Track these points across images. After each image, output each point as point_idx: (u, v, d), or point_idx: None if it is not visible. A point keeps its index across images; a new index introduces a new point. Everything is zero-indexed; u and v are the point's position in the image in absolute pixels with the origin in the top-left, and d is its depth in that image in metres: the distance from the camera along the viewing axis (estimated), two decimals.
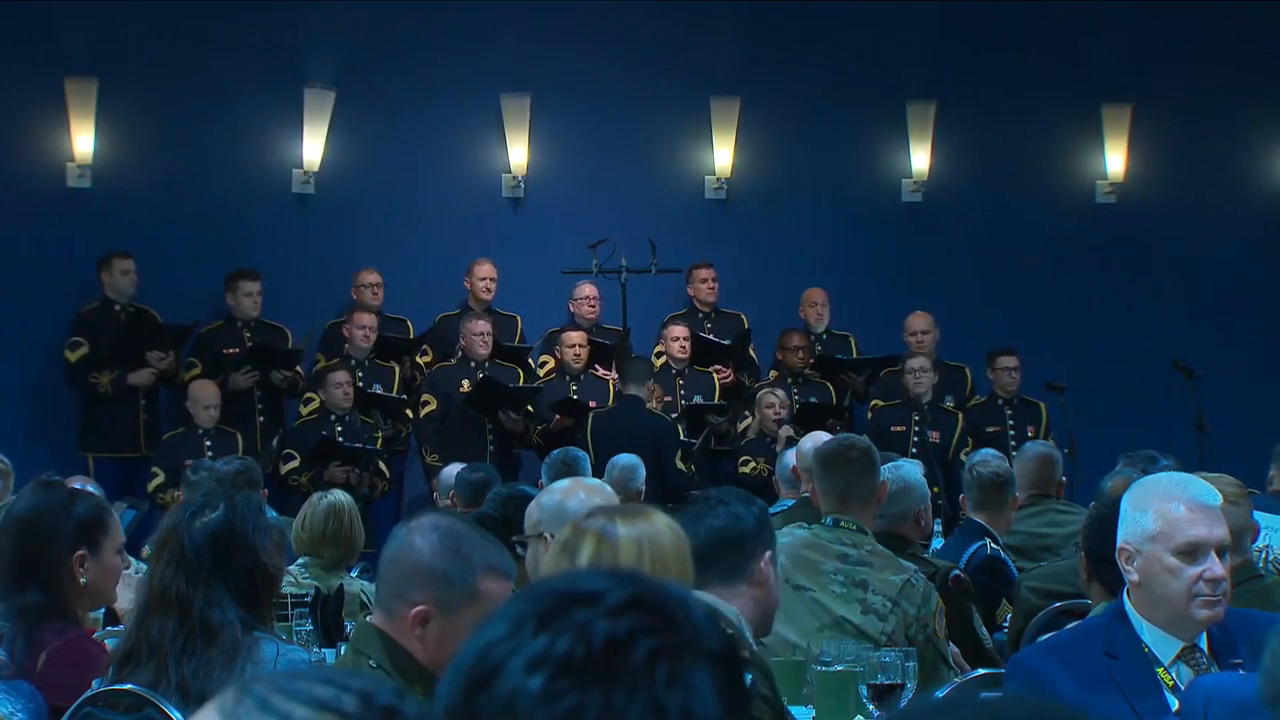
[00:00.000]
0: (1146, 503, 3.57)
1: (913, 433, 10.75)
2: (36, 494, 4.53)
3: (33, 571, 4.35)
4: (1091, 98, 12.53)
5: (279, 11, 11.96)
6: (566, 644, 1.40)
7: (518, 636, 1.42)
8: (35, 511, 4.43)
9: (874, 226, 12.49)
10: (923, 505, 6.01)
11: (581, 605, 1.42)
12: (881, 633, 4.86)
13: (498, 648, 1.42)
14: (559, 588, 1.45)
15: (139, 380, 10.89)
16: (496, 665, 1.41)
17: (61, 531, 4.37)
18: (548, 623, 1.41)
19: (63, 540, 4.35)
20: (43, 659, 4.22)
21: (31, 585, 4.34)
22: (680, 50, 12.34)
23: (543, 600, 1.44)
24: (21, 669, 4.16)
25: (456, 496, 7.97)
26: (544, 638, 1.40)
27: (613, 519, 3.07)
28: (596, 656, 1.39)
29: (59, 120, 11.56)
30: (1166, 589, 3.52)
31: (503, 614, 1.45)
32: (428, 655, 3.23)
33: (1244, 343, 12.32)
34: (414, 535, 3.25)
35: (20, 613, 4.30)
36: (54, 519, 4.42)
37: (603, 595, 1.43)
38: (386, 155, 12.08)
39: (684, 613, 1.44)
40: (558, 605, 1.43)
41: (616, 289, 11.11)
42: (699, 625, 1.44)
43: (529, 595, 1.46)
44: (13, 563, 4.35)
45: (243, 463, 7.35)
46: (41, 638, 4.27)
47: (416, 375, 11.40)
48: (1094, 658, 3.54)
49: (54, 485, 4.63)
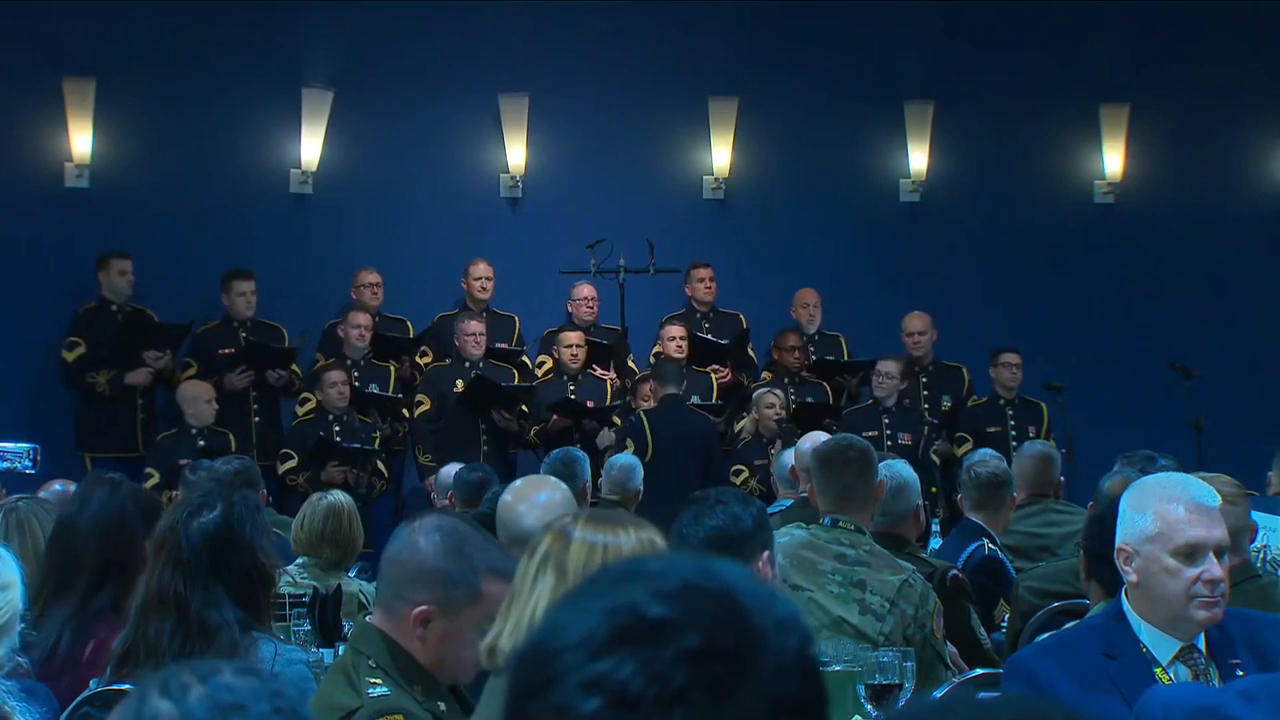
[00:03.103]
0: (1145, 503, 3.57)
1: (885, 436, 10.74)
2: (107, 494, 4.52)
3: (115, 572, 4.36)
4: (1090, 98, 12.54)
5: (277, 12, 11.96)
6: (628, 676, 1.37)
7: (583, 651, 1.39)
8: (118, 513, 4.44)
9: (872, 226, 12.50)
10: (920, 501, 6.02)
11: (655, 637, 1.38)
12: (879, 633, 4.86)
13: (562, 658, 1.39)
14: (635, 602, 1.40)
15: (136, 380, 10.89)
16: (555, 677, 1.39)
17: (139, 530, 4.39)
18: (616, 646, 1.38)
19: (140, 538, 4.37)
20: (89, 647, 4.24)
21: (109, 585, 4.35)
22: (678, 50, 12.35)
23: (617, 616, 1.40)
24: (70, 658, 4.18)
25: (455, 497, 7.97)
26: (608, 662, 1.37)
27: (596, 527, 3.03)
28: (656, 700, 1.36)
29: (57, 120, 11.55)
30: (1165, 589, 3.52)
31: (575, 611, 1.42)
32: (428, 655, 3.23)
33: (1242, 343, 12.33)
34: (417, 535, 3.25)
35: (90, 612, 4.30)
36: (134, 519, 4.44)
37: (678, 631, 1.38)
38: (384, 155, 12.07)
39: (759, 661, 1.39)
40: (630, 628, 1.39)
41: (614, 289, 11.11)
42: (777, 674, 1.39)
43: (605, 600, 1.41)
44: (96, 565, 4.34)
45: (241, 463, 7.33)
46: (92, 627, 4.29)
47: (416, 375, 11.40)
48: (1092, 658, 3.54)
49: (117, 484, 4.63)
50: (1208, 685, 3.45)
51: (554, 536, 2.92)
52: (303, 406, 10.97)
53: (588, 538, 2.91)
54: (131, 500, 4.51)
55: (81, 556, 4.41)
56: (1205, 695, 2.96)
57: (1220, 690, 3.10)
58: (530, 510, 4.73)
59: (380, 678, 3.21)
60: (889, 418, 11.05)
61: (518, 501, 4.83)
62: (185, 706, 1.57)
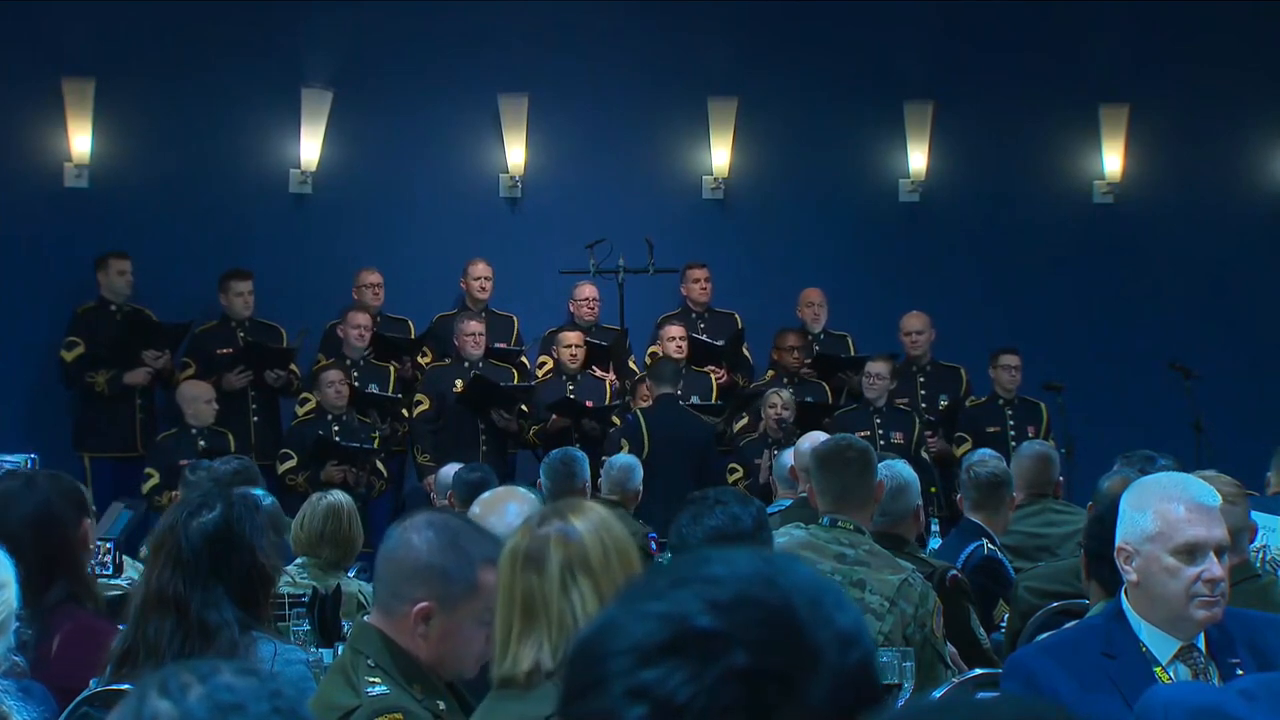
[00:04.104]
0: (1145, 503, 3.57)
1: (877, 436, 10.74)
2: (23, 488, 4.49)
3: (59, 563, 4.35)
4: (1089, 98, 12.54)
5: (276, 11, 11.96)
6: (674, 687, 1.36)
7: (631, 656, 1.38)
8: (44, 505, 4.42)
9: (871, 226, 12.50)
10: (919, 502, 6.02)
11: (704, 649, 1.37)
12: (879, 632, 4.86)
13: (610, 662, 1.39)
14: (688, 612, 1.39)
15: (135, 380, 10.88)
16: (602, 681, 1.39)
17: (70, 516, 4.37)
18: (665, 655, 1.37)
19: (72, 524, 4.36)
20: (56, 643, 4.22)
21: (60, 578, 4.34)
22: (677, 50, 12.35)
23: (668, 624, 1.38)
24: (37, 657, 4.16)
25: (454, 496, 7.96)
26: (657, 671, 1.37)
27: (565, 518, 3.07)
28: (701, 715, 1.36)
29: (56, 120, 11.55)
30: (1165, 589, 3.52)
31: (629, 613, 1.41)
32: (430, 652, 3.23)
33: (1241, 343, 12.33)
34: (410, 533, 3.26)
35: (47, 609, 4.29)
36: (60, 506, 4.42)
37: (728, 647, 1.37)
38: (384, 155, 12.07)
39: (811, 680, 1.38)
40: (680, 638, 1.37)
41: (614, 289, 11.10)
42: (832, 693, 1.38)
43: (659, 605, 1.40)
44: (38, 562, 4.31)
45: (240, 463, 7.32)
46: (54, 623, 4.27)
47: (417, 375, 11.40)
48: (1092, 657, 3.54)
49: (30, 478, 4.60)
50: (1208, 684, 3.45)
51: (557, 542, 2.96)
52: (302, 407, 10.97)
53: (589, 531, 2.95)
54: (52, 489, 4.48)
55: (24, 556, 4.39)
56: (1206, 694, 2.96)
57: (1221, 689, 3.10)
58: (500, 522, 4.70)
59: (379, 677, 3.21)
60: (880, 418, 11.05)
61: (487, 513, 4.78)
62: (185, 706, 1.58)
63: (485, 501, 4.81)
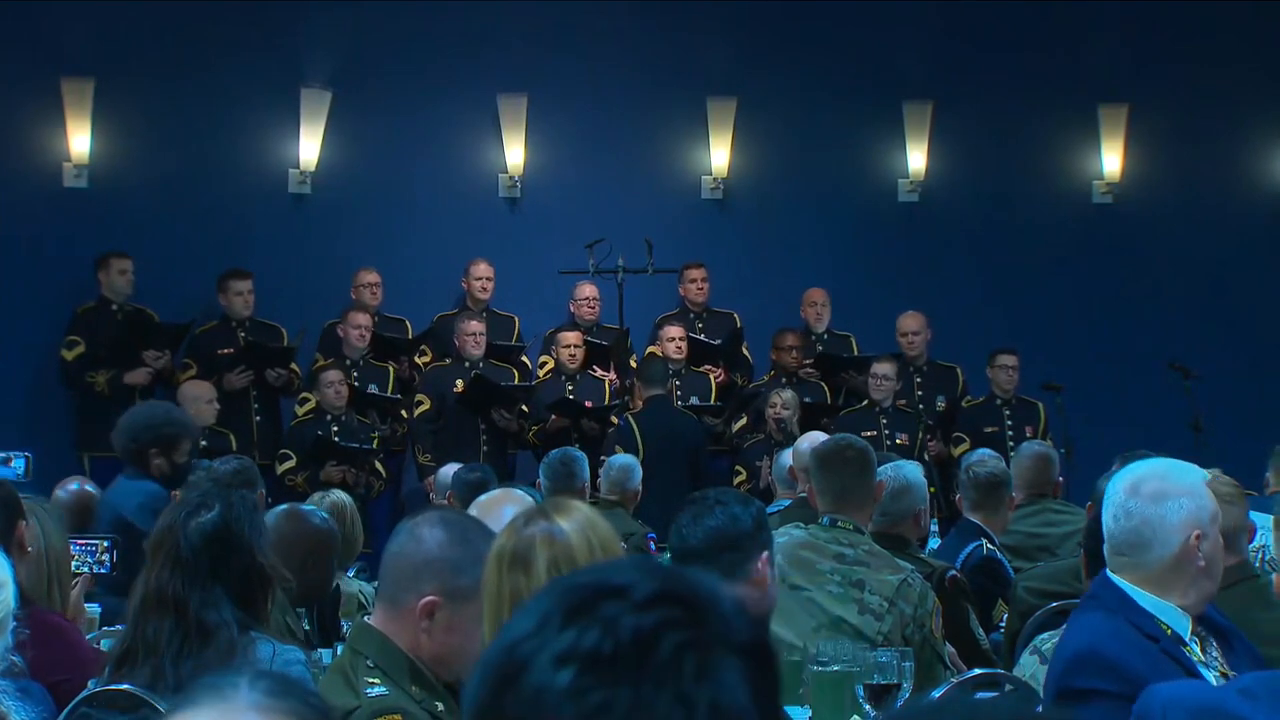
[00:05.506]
0: (1194, 488, 3.59)
1: (883, 437, 10.73)
2: None
3: None
4: (1088, 98, 12.54)
5: (276, 12, 11.96)
6: (594, 638, 1.37)
7: (544, 632, 1.39)
8: None
9: (870, 226, 12.50)
10: (922, 505, 6.01)
11: (609, 599, 1.40)
12: (878, 632, 4.86)
13: (524, 644, 1.40)
14: (585, 581, 1.43)
15: (135, 380, 10.88)
16: (523, 661, 1.39)
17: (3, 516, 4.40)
18: (574, 617, 1.39)
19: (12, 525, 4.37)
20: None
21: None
22: (677, 50, 12.35)
23: (569, 594, 1.41)
24: None
25: (454, 496, 7.96)
26: (571, 632, 1.38)
27: (550, 517, 3.08)
28: (624, 651, 1.37)
29: (55, 120, 11.55)
30: (1219, 567, 3.57)
31: (529, 610, 1.43)
32: (434, 648, 3.23)
33: (1240, 343, 12.33)
34: (420, 528, 3.26)
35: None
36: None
37: (630, 588, 1.40)
38: (383, 155, 12.07)
39: (713, 605, 1.41)
40: (584, 599, 1.40)
41: (613, 289, 11.11)
42: (728, 617, 1.42)
43: (554, 590, 1.44)
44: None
45: (239, 462, 7.32)
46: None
47: (416, 376, 11.40)
48: (1142, 644, 3.52)
49: None
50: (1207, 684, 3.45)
51: (543, 542, 2.98)
52: (302, 407, 10.98)
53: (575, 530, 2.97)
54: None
55: None
56: (1206, 694, 2.96)
57: (1220, 689, 3.09)
58: (496, 525, 4.69)
59: (378, 678, 3.21)
60: (886, 419, 11.05)
61: (484, 516, 4.77)
62: None
63: (482, 504, 4.80)
